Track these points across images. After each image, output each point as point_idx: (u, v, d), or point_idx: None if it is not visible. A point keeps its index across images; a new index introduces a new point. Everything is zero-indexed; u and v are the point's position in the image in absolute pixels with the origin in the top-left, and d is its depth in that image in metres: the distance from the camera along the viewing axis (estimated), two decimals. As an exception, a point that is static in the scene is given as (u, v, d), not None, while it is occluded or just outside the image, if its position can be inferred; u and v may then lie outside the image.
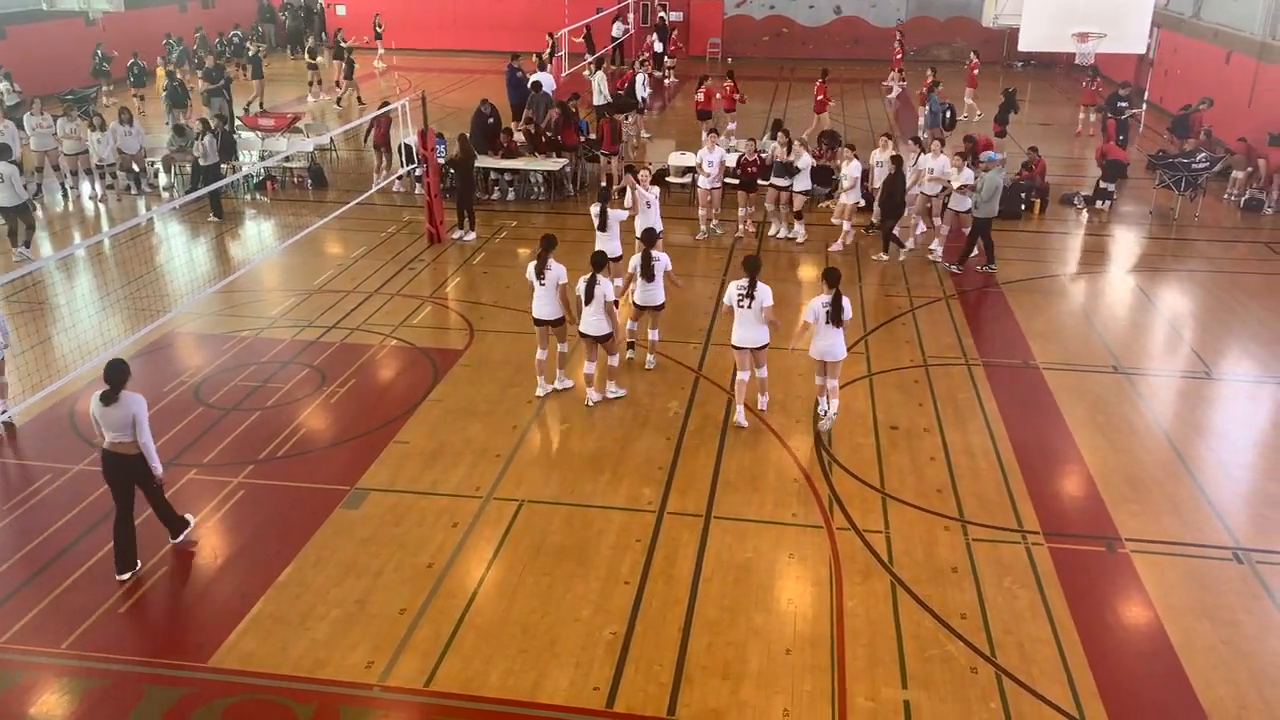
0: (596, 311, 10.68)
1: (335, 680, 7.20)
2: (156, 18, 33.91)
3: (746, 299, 10.33)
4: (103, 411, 7.98)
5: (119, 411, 7.97)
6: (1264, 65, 21.54)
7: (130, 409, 7.97)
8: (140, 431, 8.02)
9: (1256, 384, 11.83)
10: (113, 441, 8.09)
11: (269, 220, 18.40)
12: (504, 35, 37.45)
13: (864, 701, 7.00)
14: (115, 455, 8.14)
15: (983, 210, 15.07)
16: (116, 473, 8.22)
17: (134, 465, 8.17)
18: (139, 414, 8.00)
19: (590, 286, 10.63)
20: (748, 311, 10.38)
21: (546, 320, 11.04)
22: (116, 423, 8.01)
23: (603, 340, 10.86)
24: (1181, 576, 8.32)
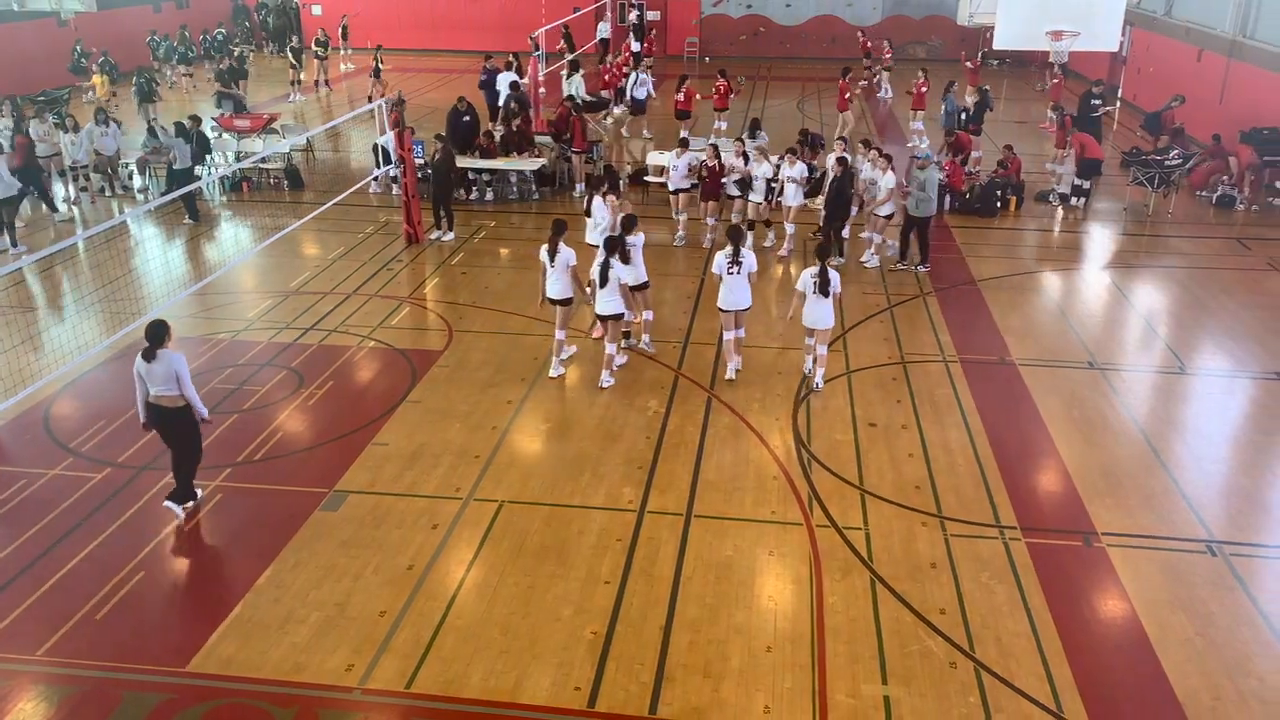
0: (611, 292, 11.25)
1: (315, 684, 7.17)
2: (130, 17, 33.66)
3: (734, 265, 11.26)
4: (146, 368, 8.75)
5: (160, 367, 8.72)
6: (1234, 63, 21.79)
7: (171, 365, 8.72)
8: (184, 385, 8.79)
9: (1230, 378, 11.97)
10: (156, 394, 8.84)
11: (245, 222, 18.29)
12: (481, 35, 37.41)
13: (844, 698, 7.04)
14: (159, 407, 8.91)
15: (922, 209, 14.92)
16: (162, 422, 9.00)
17: (176, 415, 8.92)
18: (180, 370, 8.75)
19: (604, 269, 11.12)
20: (736, 277, 11.32)
21: (555, 300, 11.62)
22: (159, 377, 8.76)
23: (615, 319, 11.43)
24: (1156, 569, 8.41)
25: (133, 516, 9.15)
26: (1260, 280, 15.08)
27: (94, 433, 10.63)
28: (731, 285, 11.38)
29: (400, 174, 16.61)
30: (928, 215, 15.06)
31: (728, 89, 23.91)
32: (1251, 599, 8.04)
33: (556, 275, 11.50)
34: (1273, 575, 8.35)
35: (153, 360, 8.71)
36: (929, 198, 14.89)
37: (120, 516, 9.15)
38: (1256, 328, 13.30)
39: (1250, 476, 9.87)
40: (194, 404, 8.92)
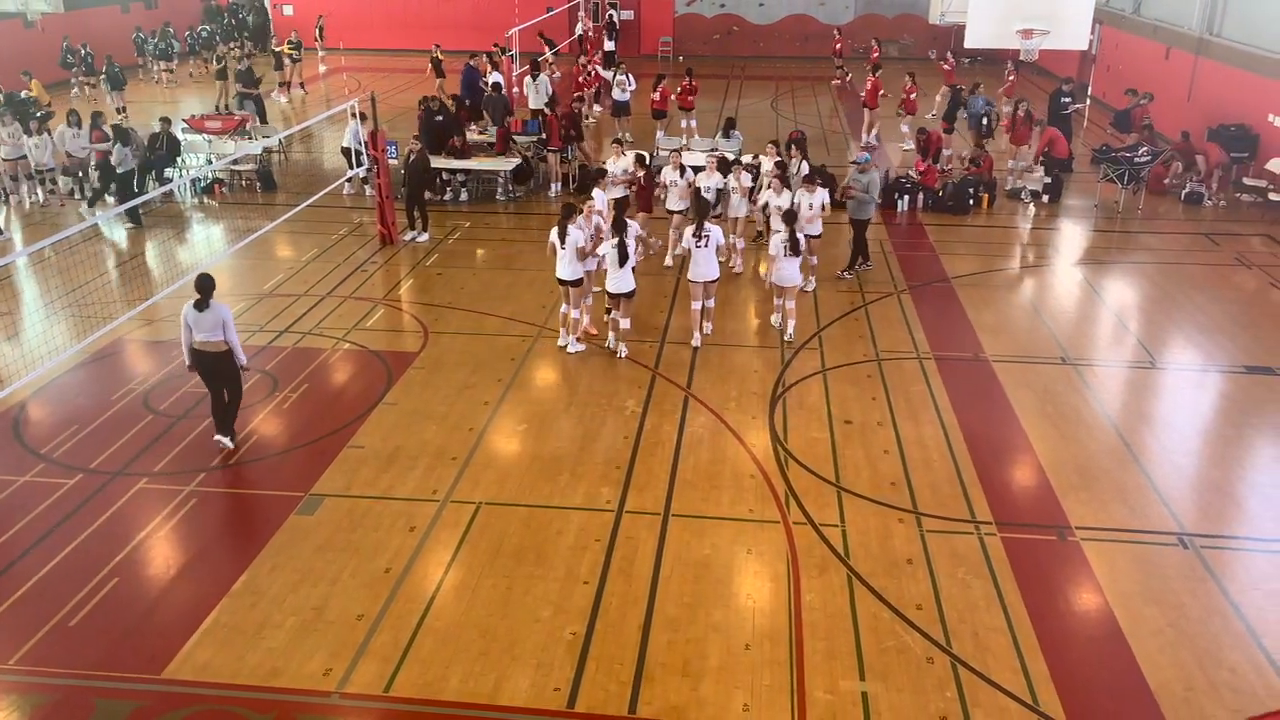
0: (624, 271, 11.84)
1: (293, 689, 7.13)
2: (98, 18, 33.29)
3: (702, 239, 12.05)
4: (195, 317, 9.72)
5: (209, 316, 9.73)
6: (1201, 60, 22.04)
7: (219, 314, 9.75)
8: (229, 331, 9.81)
9: (1200, 372, 12.11)
10: (202, 341, 9.81)
11: (218, 224, 18.14)
12: (453, 35, 37.22)
13: (823, 694, 7.07)
14: (204, 353, 9.87)
15: (860, 212, 14.73)
16: (205, 366, 9.96)
17: (219, 360, 9.91)
18: (227, 318, 9.80)
19: (622, 249, 11.77)
20: (704, 250, 12.13)
21: (566, 281, 12.17)
22: (207, 325, 9.75)
23: (628, 296, 12.10)
24: (1129, 562, 8.50)
25: (106, 523, 9.06)
26: (1228, 275, 15.27)
27: (65, 438, 10.52)
28: (699, 258, 12.20)
29: (373, 175, 16.52)
30: (866, 218, 14.79)
31: (693, 89, 23.69)
32: (1223, 590, 8.14)
33: (568, 257, 11.96)
34: (1243, 567, 8.46)
35: (204, 310, 9.67)
36: (870, 199, 14.70)
37: (93, 523, 9.06)
38: (1225, 322, 13.46)
39: (1221, 469, 9.99)
40: (236, 351, 9.93)
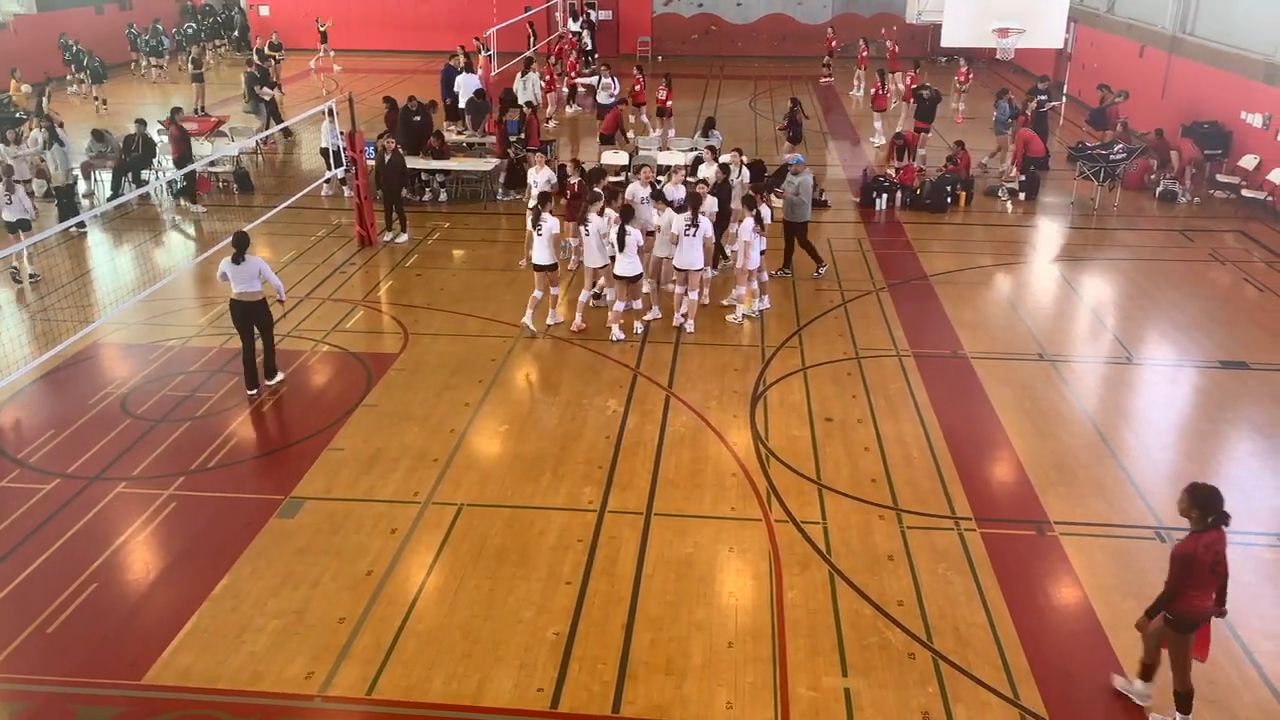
0: (630, 255, 12.37)
1: (275, 692, 7.10)
2: (71, 19, 33.01)
3: (692, 228, 12.39)
4: (234, 270, 10.86)
5: (246, 268, 10.86)
6: (1175, 58, 22.25)
7: (255, 265, 10.92)
8: (268, 276, 11.00)
9: (1175, 367, 12.22)
10: (239, 292, 10.91)
11: (194, 226, 18.01)
12: (431, 35, 37.17)
13: (805, 691, 7.10)
14: (241, 303, 10.94)
15: (792, 214, 14.51)
16: (241, 316, 11.00)
17: (255, 309, 11.01)
18: (263, 268, 10.99)
19: (621, 235, 12.26)
20: (692, 239, 12.45)
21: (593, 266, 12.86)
22: (244, 276, 10.89)
23: (634, 280, 12.67)
24: (1108, 556, 8.58)
25: (84, 527, 8.99)
26: (1203, 271, 15.42)
27: (42, 443, 10.43)
28: (685, 246, 12.51)
29: (352, 176, 16.45)
30: (803, 220, 14.63)
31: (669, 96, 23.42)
32: (1199, 583, 8.22)
33: (592, 244, 12.61)
34: (1219, 559, 8.55)
35: (240, 263, 10.79)
36: (803, 202, 14.52)
37: (71, 528, 8.99)
38: (1200, 317, 13.60)
39: (1197, 463, 10.09)
40: (278, 288, 11.20)
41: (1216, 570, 6.45)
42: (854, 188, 19.90)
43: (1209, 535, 6.40)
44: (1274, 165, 17.92)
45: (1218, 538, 6.42)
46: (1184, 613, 6.47)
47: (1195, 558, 6.34)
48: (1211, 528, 6.41)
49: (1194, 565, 6.35)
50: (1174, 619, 6.51)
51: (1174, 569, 6.41)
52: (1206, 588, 6.48)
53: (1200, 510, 6.43)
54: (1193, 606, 6.47)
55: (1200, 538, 6.40)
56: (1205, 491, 6.46)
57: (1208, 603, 6.54)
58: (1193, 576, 6.37)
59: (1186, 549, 6.38)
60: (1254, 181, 18.42)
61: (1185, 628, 6.52)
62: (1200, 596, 6.47)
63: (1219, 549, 6.43)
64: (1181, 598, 6.43)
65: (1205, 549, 6.37)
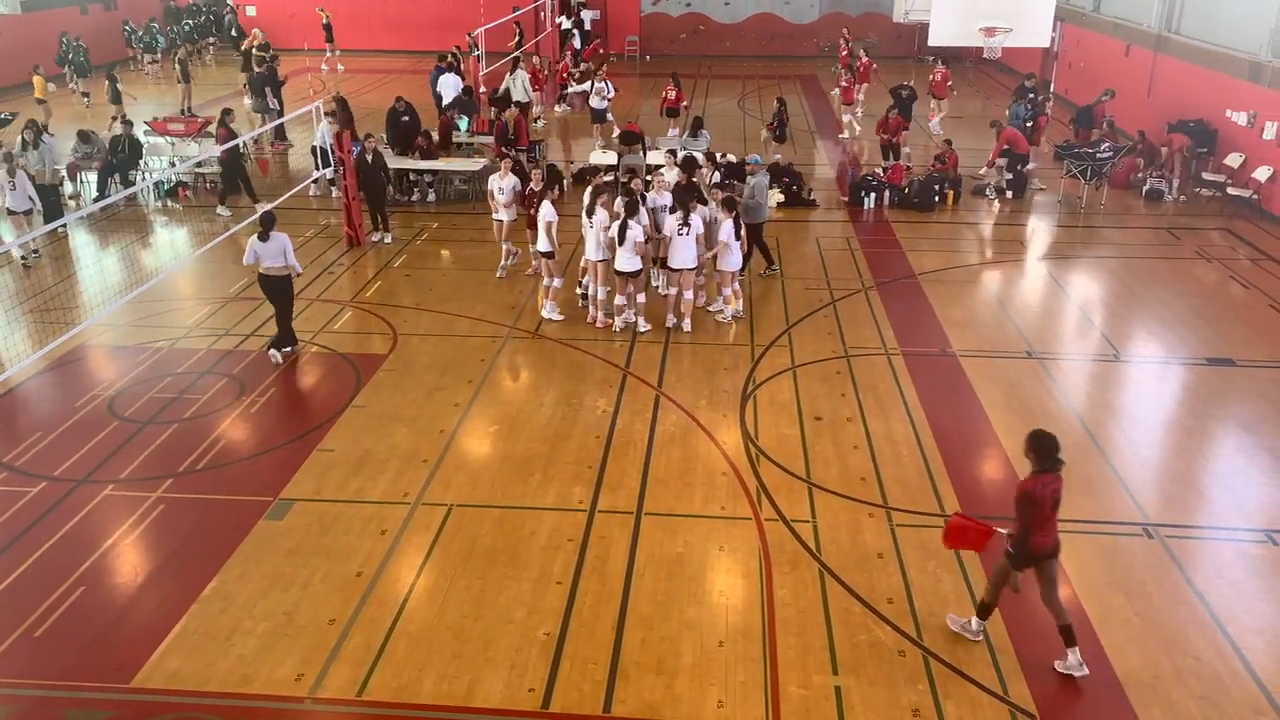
0: (629, 250, 12.44)
1: (265, 694, 7.08)
2: (55, 19, 32.82)
3: (685, 227, 12.42)
4: (261, 246, 11.79)
5: (272, 245, 11.78)
6: (1161, 57, 22.36)
7: (280, 242, 11.82)
8: (289, 256, 11.91)
9: (1162, 365, 12.28)
10: (266, 267, 11.89)
11: (182, 227, 17.94)
12: (419, 35, 37.12)
13: (796, 689, 7.11)
14: (267, 277, 11.98)
15: (749, 216, 14.07)
16: (269, 289, 12.06)
17: (279, 282, 12.01)
18: (286, 245, 11.89)
19: (623, 229, 12.36)
20: (685, 238, 12.46)
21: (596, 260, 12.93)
22: (270, 253, 11.80)
23: (634, 276, 12.71)
24: (1096, 553, 8.61)
25: (71, 530, 8.95)
26: (1189, 269, 15.50)
27: (29, 445, 10.37)
28: (678, 245, 12.51)
29: (340, 176, 16.40)
30: (755, 222, 14.44)
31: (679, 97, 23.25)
32: (1187, 579, 8.27)
33: (591, 238, 12.76)
34: (1207, 556, 8.60)
35: (267, 240, 11.71)
36: (759, 204, 14.46)
37: (58, 531, 8.94)
38: (1187, 315, 13.67)
39: (1184, 460, 10.15)
40: (294, 267, 12.07)
41: (1056, 505, 6.97)
42: (842, 187, 19.95)
43: (1046, 476, 6.95)
44: (1259, 163, 18.02)
45: (1054, 479, 6.97)
46: (1031, 549, 7.00)
47: (1036, 496, 6.88)
48: (1049, 470, 6.94)
49: (1036, 503, 6.88)
50: (1014, 554, 7.07)
51: (1021, 508, 6.94)
52: (1048, 525, 6.99)
53: (1037, 455, 6.97)
54: (1037, 543, 7.00)
55: (1039, 478, 6.94)
56: (1043, 439, 7.01)
57: (1050, 539, 7.05)
58: (1036, 514, 6.91)
59: (1028, 487, 6.93)
60: (1239, 179, 18.52)
61: (1022, 564, 7.08)
62: (1043, 534, 6.99)
63: (1056, 488, 6.97)
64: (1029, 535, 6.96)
65: (1043, 487, 6.92)
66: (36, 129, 17.59)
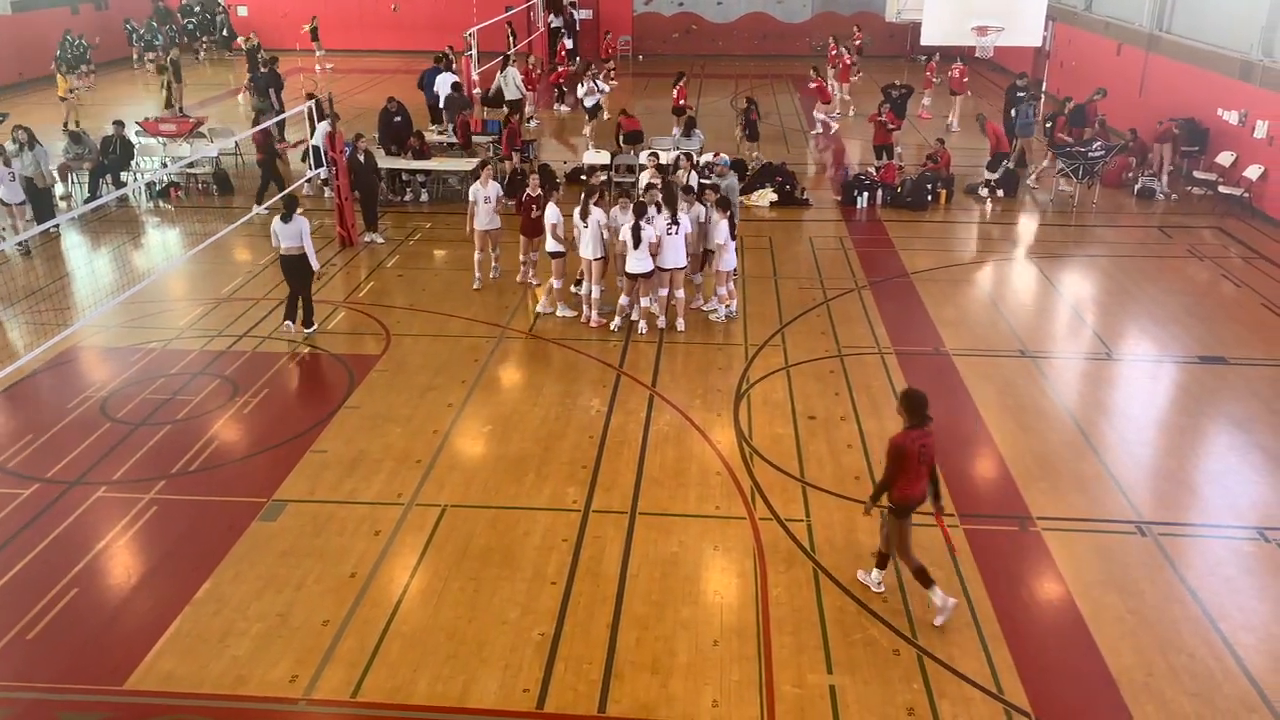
0: (642, 252, 12.45)
1: (259, 696, 7.06)
2: (45, 19, 32.71)
3: (673, 226, 12.44)
4: (282, 228, 12.38)
5: (292, 227, 12.38)
6: (1152, 56, 22.42)
7: (300, 225, 12.42)
8: (306, 240, 12.45)
9: (1155, 363, 12.32)
10: (286, 248, 12.47)
11: (174, 228, 17.89)
12: (410, 35, 37.08)
13: (791, 688, 7.12)
14: (287, 257, 12.56)
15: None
16: (287, 270, 12.68)
17: (298, 262, 12.57)
18: (305, 229, 12.45)
19: (636, 231, 12.37)
20: (674, 238, 12.50)
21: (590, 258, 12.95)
22: (290, 234, 12.40)
23: (646, 277, 12.72)
24: (1090, 551, 8.63)
25: (64, 532, 8.92)
26: (1181, 267, 15.54)
27: (21, 447, 10.34)
28: (667, 246, 12.50)
29: (332, 176, 16.37)
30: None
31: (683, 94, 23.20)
32: (1180, 577, 8.29)
33: (589, 235, 12.75)
34: (1199, 553, 8.62)
35: (288, 221, 12.30)
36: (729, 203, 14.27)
37: (51, 533, 8.91)
38: (1179, 313, 13.71)
39: (1176, 458, 10.17)
40: (310, 255, 12.55)
41: (924, 460, 7.52)
42: (835, 186, 19.97)
43: (916, 432, 7.52)
44: (1250, 162, 18.08)
45: (923, 434, 7.52)
46: (900, 500, 7.61)
47: (905, 449, 7.45)
48: (918, 427, 7.51)
49: (905, 456, 7.44)
50: (893, 506, 7.65)
51: (889, 460, 7.53)
52: (916, 477, 7.56)
53: (908, 412, 7.57)
54: (906, 494, 7.59)
55: (910, 433, 7.51)
56: (914, 397, 7.60)
57: (919, 490, 7.62)
58: (904, 466, 7.47)
59: (899, 442, 7.50)
60: (1231, 178, 18.58)
61: (901, 513, 7.66)
62: (911, 485, 7.57)
63: (925, 443, 7.52)
64: (896, 485, 7.54)
65: (913, 442, 7.47)
66: (29, 132, 17.54)
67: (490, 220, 14.25)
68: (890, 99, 21.47)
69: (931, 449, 7.61)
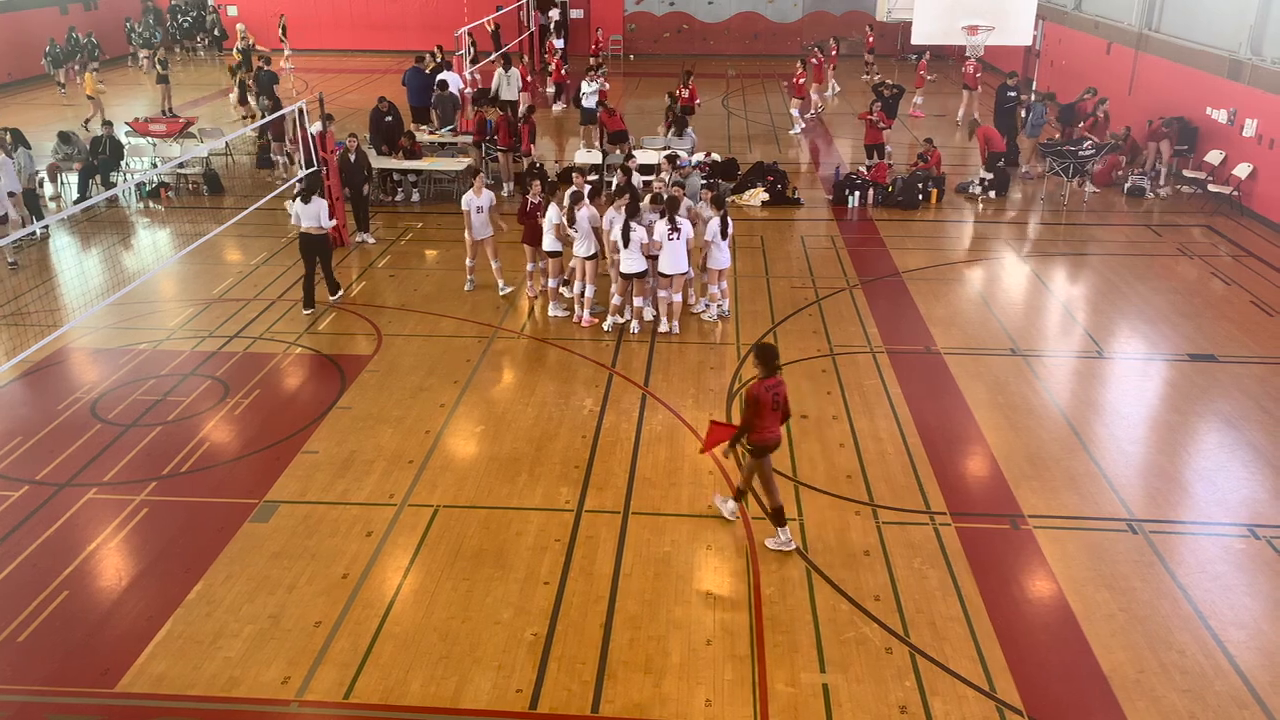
0: (634, 251, 12.49)
1: (251, 698, 7.05)
2: (34, 19, 32.58)
3: (674, 232, 12.41)
4: (303, 208, 13.03)
5: (312, 207, 13.01)
6: (1142, 55, 22.49)
7: (320, 205, 13.08)
8: (324, 218, 13.11)
9: (1145, 361, 12.36)
10: (305, 228, 13.08)
11: (165, 229, 17.84)
12: (401, 35, 37.01)
13: (784, 687, 7.13)
14: (306, 235, 13.14)
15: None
16: (306, 247, 13.25)
17: (318, 241, 13.22)
18: (322, 209, 13.09)
19: (626, 231, 12.41)
20: (675, 244, 12.44)
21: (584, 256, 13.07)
22: (309, 214, 13.04)
23: (639, 277, 12.78)
24: (1081, 549, 8.66)
25: (54, 534, 8.89)
26: (1171, 266, 15.60)
27: (11, 449, 10.30)
28: (669, 250, 12.45)
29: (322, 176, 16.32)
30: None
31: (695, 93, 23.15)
32: (1170, 574, 8.32)
33: (581, 234, 12.84)
34: (1189, 550, 8.66)
35: (308, 202, 12.97)
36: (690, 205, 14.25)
37: (41, 535, 8.88)
38: (1169, 311, 13.76)
39: (1167, 456, 10.21)
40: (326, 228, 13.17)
41: (778, 406, 8.31)
42: (826, 185, 20.00)
43: (770, 380, 8.27)
44: (1239, 160, 18.15)
45: (777, 382, 8.32)
46: (759, 442, 8.33)
47: (761, 397, 8.20)
48: (771, 376, 8.27)
49: (761, 403, 8.19)
50: (752, 448, 8.39)
51: (748, 407, 8.31)
52: (772, 421, 8.33)
53: (762, 365, 8.29)
54: (764, 437, 8.33)
55: (764, 382, 8.25)
56: (766, 350, 8.35)
57: (775, 433, 8.38)
58: (761, 412, 8.22)
59: (755, 390, 8.26)
60: (1220, 176, 18.65)
61: (760, 454, 8.40)
62: (768, 429, 8.32)
63: (779, 391, 8.32)
64: (755, 430, 8.27)
65: (767, 390, 8.22)
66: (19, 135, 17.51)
67: (484, 229, 13.98)
68: (882, 99, 21.50)
69: (784, 395, 8.39)
